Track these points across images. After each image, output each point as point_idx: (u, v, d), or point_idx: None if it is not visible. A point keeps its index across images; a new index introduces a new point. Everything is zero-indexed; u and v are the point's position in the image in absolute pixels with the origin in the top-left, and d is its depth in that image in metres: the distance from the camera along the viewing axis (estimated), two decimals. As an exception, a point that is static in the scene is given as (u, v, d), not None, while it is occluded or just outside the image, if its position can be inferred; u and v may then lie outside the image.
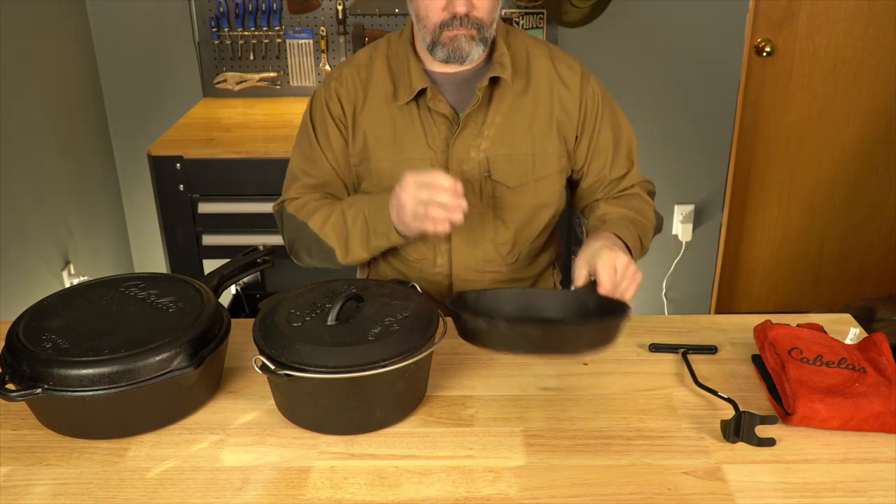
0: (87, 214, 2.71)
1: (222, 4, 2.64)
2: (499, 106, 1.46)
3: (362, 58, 1.51)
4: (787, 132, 2.96)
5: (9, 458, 1.10)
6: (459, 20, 1.36)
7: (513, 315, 1.26)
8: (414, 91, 1.43)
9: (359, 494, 1.03)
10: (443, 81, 1.46)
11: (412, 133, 1.46)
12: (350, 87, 1.48)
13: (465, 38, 1.37)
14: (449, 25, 1.36)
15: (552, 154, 1.48)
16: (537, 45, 1.52)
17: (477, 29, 1.37)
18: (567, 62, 1.51)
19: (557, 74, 1.49)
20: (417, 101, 1.45)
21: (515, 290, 1.30)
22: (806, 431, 1.13)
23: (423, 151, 1.45)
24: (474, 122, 1.45)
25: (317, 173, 1.52)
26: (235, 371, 1.28)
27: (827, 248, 3.15)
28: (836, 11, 2.79)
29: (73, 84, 2.64)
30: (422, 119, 1.45)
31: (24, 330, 1.15)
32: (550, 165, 1.49)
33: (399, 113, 1.46)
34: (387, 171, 1.46)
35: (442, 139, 1.45)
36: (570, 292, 1.25)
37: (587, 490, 1.03)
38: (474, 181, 1.46)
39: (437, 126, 1.45)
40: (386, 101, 1.46)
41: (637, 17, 2.74)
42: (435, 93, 1.43)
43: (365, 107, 1.48)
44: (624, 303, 1.19)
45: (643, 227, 1.46)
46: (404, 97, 1.44)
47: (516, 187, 1.47)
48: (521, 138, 1.47)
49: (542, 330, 1.07)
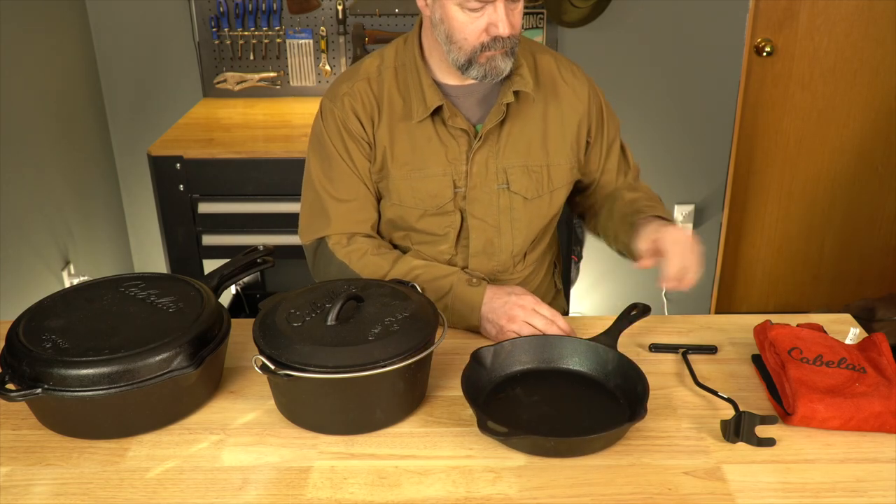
0: (87, 214, 2.71)
1: (222, 4, 2.64)
2: (515, 117, 1.45)
3: (371, 69, 1.46)
4: (787, 132, 2.96)
5: (9, 458, 1.10)
6: (501, 42, 1.33)
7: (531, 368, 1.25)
8: (429, 109, 1.40)
9: (359, 494, 1.03)
10: (457, 94, 1.44)
11: (431, 148, 1.43)
12: (365, 102, 1.44)
13: (500, 56, 1.35)
14: (490, 47, 1.34)
15: (565, 165, 1.49)
16: (542, 52, 1.51)
17: (511, 45, 1.36)
18: (571, 69, 1.51)
19: (564, 82, 1.49)
20: (433, 117, 1.42)
21: (532, 338, 1.27)
22: (806, 431, 1.13)
23: (444, 167, 1.44)
24: (493, 134, 1.44)
25: (348, 192, 1.46)
26: (235, 371, 1.28)
27: (827, 248, 3.15)
28: (836, 11, 2.78)
29: (73, 84, 2.64)
30: (439, 134, 1.43)
31: (24, 330, 1.15)
32: (563, 177, 1.50)
33: (416, 128, 1.43)
34: (407, 189, 1.45)
35: (461, 153, 1.44)
36: (591, 343, 1.25)
37: (587, 490, 1.03)
38: (493, 193, 1.46)
39: (455, 140, 1.43)
40: (400, 117, 1.43)
41: (637, 17, 2.74)
42: (451, 109, 1.41)
43: (381, 123, 1.44)
44: (643, 380, 1.16)
45: (663, 206, 1.52)
46: (419, 115, 1.41)
47: (533, 199, 1.48)
48: (537, 150, 1.46)
49: (556, 442, 1.08)
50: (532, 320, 1.33)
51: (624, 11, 2.72)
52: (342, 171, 1.46)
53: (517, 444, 1.09)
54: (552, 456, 1.08)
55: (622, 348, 1.26)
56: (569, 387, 1.23)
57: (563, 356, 1.26)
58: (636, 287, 3.09)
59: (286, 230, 2.38)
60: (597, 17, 2.65)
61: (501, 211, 1.47)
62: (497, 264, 1.51)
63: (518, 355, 1.26)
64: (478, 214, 1.46)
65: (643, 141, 2.88)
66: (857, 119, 2.94)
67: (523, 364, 1.26)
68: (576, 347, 1.26)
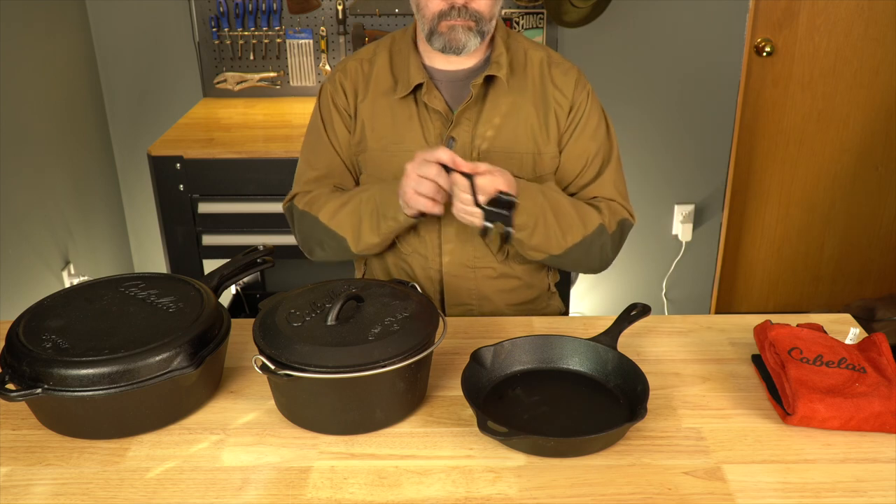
0: (87, 214, 2.71)
1: (222, 4, 2.64)
2: (496, 105, 1.47)
3: (366, 52, 1.56)
4: (787, 132, 2.96)
5: (9, 458, 1.10)
6: (458, 10, 1.38)
7: (531, 368, 1.25)
8: (411, 85, 1.46)
9: (359, 494, 1.03)
10: (441, 78, 1.49)
11: (409, 126, 1.48)
12: (353, 79, 1.53)
13: (462, 28, 1.40)
14: (447, 15, 1.39)
15: (547, 155, 1.50)
16: (536, 48, 1.53)
17: (475, 21, 1.40)
18: (563, 67, 1.52)
19: (551, 79, 1.51)
20: (415, 96, 1.48)
21: (532, 338, 1.27)
22: (806, 431, 1.13)
23: (420, 145, 1.48)
24: (468, 119, 1.47)
25: (322, 164, 1.54)
26: (235, 371, 1.28)
27: (827, 248, 3.15)
28: (836, 11, 2.79)
29: (73, 84, 2.64)
30: (419, 114, 1.48)
31: (24, 330, 1.15)
32: (547, 166, 1.51)
33: (398, 106, 1.49)
34: (385, 161, 1.49)
35: (437, 134, 1.48)
36: (591, 343, 1.25)
37: (587, 490, 1.03)
38: None
39: (431, 121, 1.48)
40: (385, 93, 1.50)
41: (637, 17, 2.74)
42: (431, 88, 1.46)
43: (366, 98, 1.51)
44: (643, 381, 1.16)
45: (568, 217, 1.43)
46: (402, 91, 1.47)
47: None
48: (523, 137, 1.48)
49: (556, 442, 1.08)
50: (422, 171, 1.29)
51: (624, 11, 2.72)
52: (323, 143, 1.54)
53: (517, 444, 1.09)
54: (552, 456, 1.08)
55: (622, 348, 1.26)
56: (569, 387, 1.23)
57: (563, 356, 1.26)
58: (636, 287, 3.09)
59: (286, 230, 2.38)
60: (597, 17, 2.65)
61: None
62: (474, 250, 1.51)
63: (518, 355, 1.26)
64: None
65: (643, 141, 2.89)
66: (857, 119, 2.94)
67: (523, 364, 1.26)
68: (576, 347, 1.26)
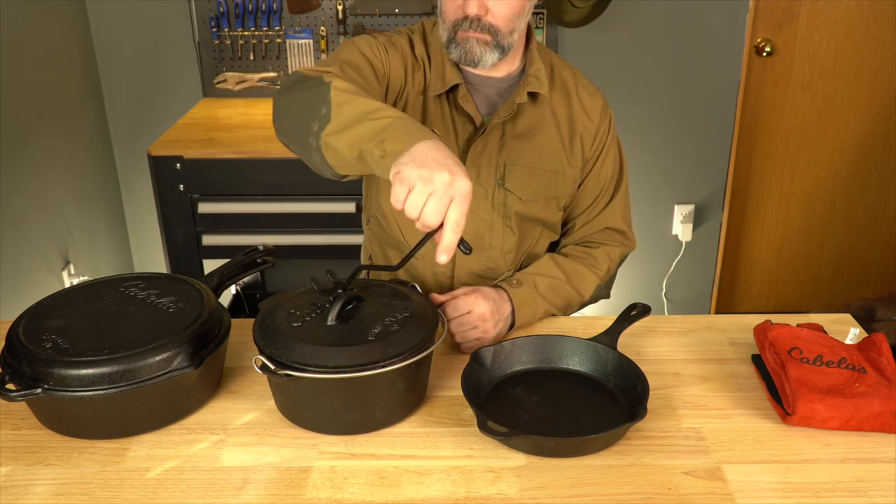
0: (87, 214, 2.71)
1: (222, 4, 2.64)
2: (527, 118, 1.45)
3: (404, 42, 1.45)
4: (787, 132, 2.96)
5: (9, 458, 1.10)
6: (470, 22, 1.34)
7: (531, 368, 1.25)
8: (447, 85, 1.42)
9: (359, 494, 1.03)
10: (474, 82, 1.46)
11: (441, 126, 1.44)
12: (407, 58, 1.44)
13: (476, 41, 1.35)
14: (461, 26, 1.35)
15: (569, 177, 1.50)
16: (563, 66, 1.52)
17: (491, 35, 1.35)
18: (590, 90, 1.52)
19: (580, 101, 1.50)
20: (448, 97, 1.44)
21: (532, 338, 1.27)
22: (806, 431, 1.13)
23: (448, 146, 1.43)
24: (498, 129, 1.44)
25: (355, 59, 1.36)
26: (235, 371, 1.28)
27: (827, 248, 3.15)
28: (836, 11, 2.79)
29: (73, 84, 2.64)
30: (451, 114, 1.45)
31: (24, 330, 1.15)
32: (566, 187, 1.50)
33: (431, 103, 1.45)
34: None
35: (464, 140, 1.45)
36: (591, 343, 1.25)
37: (587, 490, 1.03)
38: (487, 187, 1.46)
39: (462, 125, 1.45)
40: (421, 89, 1.45)
41: (637, 17, 2.74)
42: (465, 92, 1.43)
43: (405, 88, 1.44)
44: (643, 381, 1.16)
45: (564, 294, 1.48)
46: (437, 88, 1.43)
47: (528, 200, 1.48)
48: (548, 155, 1.47)
49: (556, 442, 1.08)
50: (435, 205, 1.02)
51: (624, 11, 2.72)
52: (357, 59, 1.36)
53: (517, 444, 1.09)
54: (552, 456, 1.08)
55: (622, 348, 1.26)
56: (569, 387, 1.23)
57: (563, 356, 1.26)
58: (636, 287, 3.09)
59: (286, 230, 2.39)
60: (597, 17, 2.65)
61: (495, 206, 1.47)
62: (487, 260, 1.51)
63: (518, 355, 1.26)
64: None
65: (643, 141, 2.89)
66: (857, 119, 2.94)
67: (523, 364, 1.26)
68: (576, 347, 1.26)
